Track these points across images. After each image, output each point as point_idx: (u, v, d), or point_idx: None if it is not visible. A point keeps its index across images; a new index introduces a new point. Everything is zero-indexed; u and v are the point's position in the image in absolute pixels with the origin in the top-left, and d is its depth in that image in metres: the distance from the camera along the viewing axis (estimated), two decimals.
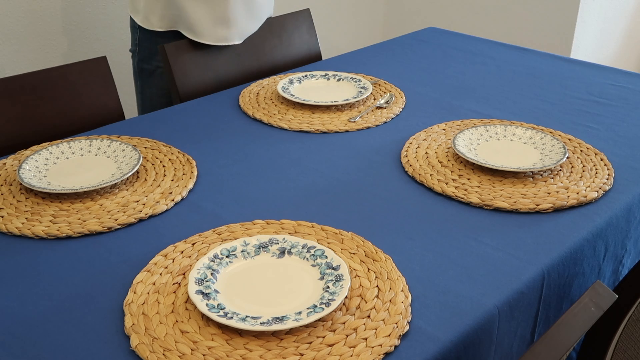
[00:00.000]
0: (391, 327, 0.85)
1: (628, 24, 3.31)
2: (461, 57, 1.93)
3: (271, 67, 1.90)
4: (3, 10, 2.05)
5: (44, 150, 1.27)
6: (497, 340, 0.94)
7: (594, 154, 1.32)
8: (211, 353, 0.81)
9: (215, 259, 0.96)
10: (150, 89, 1.80)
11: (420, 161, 1.28)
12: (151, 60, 1.76)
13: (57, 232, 1.05)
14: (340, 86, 1.66)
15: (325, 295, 0.89)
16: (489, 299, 0.92)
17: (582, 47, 2.95)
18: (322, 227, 1.06)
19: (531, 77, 1.77)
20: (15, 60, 2.12)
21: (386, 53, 1.96)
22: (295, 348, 0.82)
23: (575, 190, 1.18)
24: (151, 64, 1.76)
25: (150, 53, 1.75)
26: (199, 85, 1.74)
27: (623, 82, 1.73)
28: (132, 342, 0.83)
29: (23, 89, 1.49)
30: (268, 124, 1.47)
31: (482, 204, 1.14)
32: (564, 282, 1.05)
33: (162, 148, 1.33)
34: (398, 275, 0.95)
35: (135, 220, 1.09)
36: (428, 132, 1.41)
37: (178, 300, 0.90)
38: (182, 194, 1.17)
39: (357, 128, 1.45)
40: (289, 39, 1.96)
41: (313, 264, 0.96)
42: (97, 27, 2.28)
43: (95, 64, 1.59)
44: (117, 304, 0.90)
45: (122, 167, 1.22)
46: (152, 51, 1.74)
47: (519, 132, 1.37)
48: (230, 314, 0.86)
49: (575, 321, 0.78)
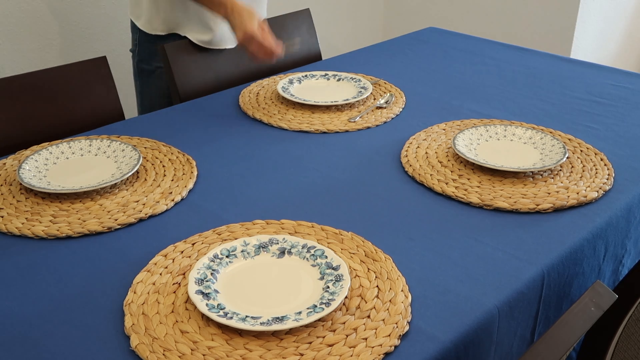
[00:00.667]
0: (391, 327, 0.85)
1: (628, 24, 3.31)
2: (461, 57, 1.93)
3: (271, 67, 1.90)
4: (3, 10, 2.05)
5: (44, 150, 1.27)
6: (497, 340, 0.94)
7: (594, 154, 1.32)
8: (211, 353, 0.81)
9: (215, 259, 0.96)
10: (150, 89, 1.80)
11: (420, 161, 1.28)
12: (151, 61, 1.76)
13: (57, 232, 1.05)
14: (340, 86, 1.66)
15: (325, 295, 0.89)
16: (489, 299, 0.92)
17: (582, 47, 2.95)
18: (322, 227, 1.06)
19: (531, 77, 1.77)
20: (15, 60, 2.12)
21: (386, 53, 1.96)
22: (295, 348, 0.82)
23: (575, 190, 1.18)
24: (151, 64, 1.76)
25: (150, 53, 1.75)
26: (199, 85, 1.74)
27: (623, 82, 1.73)
28: (132, 342, 0.83)
29: (23, 89, 1.49)
30: (268, 124, 1.47)
31: (482, 204, 1.14)
32: (564, 282, 1.05)
33: (162, 148, 1.33)
34: (398, 275, 0.95)
35: (135, 220, 1.09)
36: (428, 132, 1.41)
37: (178, 300, 0.90)
38: (182, 194, 1.17)
39: (357, 128, 1.45)
40: (289, 39, 1.95)
41: (313, 264, 0.96)
42: (97, 27, 2.28)
43: (95, 64, 1.59)
44: (117, 304, 0.90)
45: (122, 167, 1.22)
46: (152, 51, 1.74)
47: (519, 132, 1.37)
48: (230, 314, 0.86)
49: (575, 321, 0.78)
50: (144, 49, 1.76)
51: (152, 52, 1.74)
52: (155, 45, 1.73)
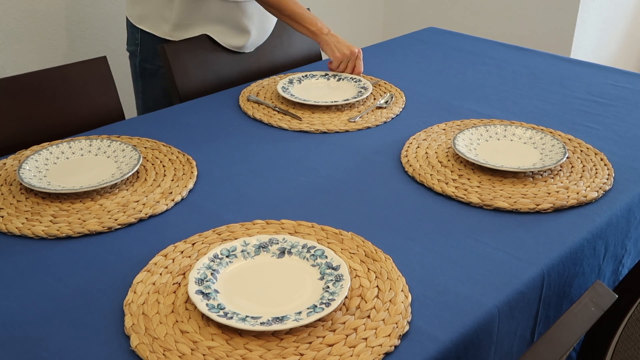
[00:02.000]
0: (391, 327, 0.85)
1: (628, 24, 3.31)
2: (461, 57, 1.93)
3: (271, 67, 1.90)
4: (3, 10, 2.05)
5: (44, 150, 1.27)
6: (497, 340, 0.94)
7: (594, 154, 1.32)
8: (211, 353, 0.81)
9: (215, 259, 0.96)
10: (154, 89, 1.79)
11: (420, 161, 1.28)
12: (154, 60, 1.75)
13: (57, 232, 1.05)
14: (340, 86, 1.66)
15: (325, 295, 0.89)
16: (489, 299, 0.92)
17: (582, 47, 2.95)
18: (322, 227, 1.06)
19: (531, 77, 1.77)
20: (15, 60, 2.12)
21: (386, 53, 1.96)
22: (295, 348, 0.82)
23: (575, 190, 1.18)
24: (154, 64, 1.75)
25: (153, 53, 1.74)
26: (199, 85, 1.74)
27: (623, 82, 1.73)
28: (132, 342, 0.83)
29: (23, 89, 1.49)
30: (268, 124, 1.47)
31: (482, 204, 1.14)
32: (564, 282, 1.05)
33: (162, 148, 1.33)
34: (398, 275, 0.95)
35: (135, 220, 1.09)
36: (428, 132, 1.41)
37: (178, 300, 0.90)
38: (182, 194, 1.17)
39: (357, 128, 1.45)
40: (289, 39, 1.96)
41: (313, 264, 0.96)
42: (97, 27, 2.28)
43: (95, 64, 1.59)
44: (117, 304, 0.90)
45: (122, 167, 1.22)
46: (155, 51, 1.73)
47: (519, 132, 1.37)
48: (230, 314, 0.86)
49: (575, 321, 0.78)
50: (147, 48, 1.75)
51: (155, 51, 1.74)
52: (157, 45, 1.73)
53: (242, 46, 1.80)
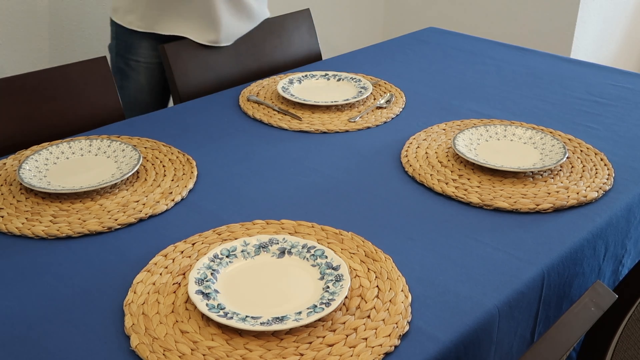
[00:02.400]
0: (391, 327, 0.85)
1: (628, 24, 3.31)
2: (461, 57, 1.93)
3: (271, 67, 1.90)
4: (3, 10, 2.05)
5: (44, 150, 1.27)
6: (497, 340, 0.94)
7: (594, 154, 1.32)
8: (211, 353, 0.81)
9: (215, 259, 0.96)
10: (129, 84, 1.78)
11: (420, 161, 1.28)
12: (128, 55, 1.73)
13: (57, 232, 1.05)
14: (340, 86, 1.66)
15: (325, 295, 0.89)
16: (489, 299, 0.92)
17: (582, 47, 2.95)
18: (322, 227, 1.06)
19: (531, 77, 1.77)
20: (15, 60, 2.12)
21: (386, 53, 1.96)
22: (295, 348, 0.82)
23: (575, 190, 1.18)
24: (128, 58, 1.74)
25: (125, 46, 1.72)
26: (199, 85, 1.74)
27: (623, 82, 1.73)
28: (132, 342, 0.83)
29: (23, 89, 1.49)
30: (268, 124, 1.47)
31: (482, 204, 1.14)
32: (564, 282, 1.05)
33: (162, 148, 1.33)
34: (398, 275, 0.95)
35: (135, 220, 1.09)
36: (428, 132, 1.41)
37: (178, 300, 0.90)
38: (182, 194, 1.17)
39: (357, 128, 1.45)
40: (289, 39, 1.96)
41: (313, 264, 0.96)
42: (97, 27, 2.28)
43: (95, 64, 1.59)
44: (117, 304, 0.90)
45: (122, 167, 1.22)
46: (129, 45, 1.72)
47: (519, 132, 1.37)
48: (230, 314, 0.86)
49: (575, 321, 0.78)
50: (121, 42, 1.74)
51: (129, 46, 1.72)
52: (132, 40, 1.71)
53: (216, 40, 1.74)
